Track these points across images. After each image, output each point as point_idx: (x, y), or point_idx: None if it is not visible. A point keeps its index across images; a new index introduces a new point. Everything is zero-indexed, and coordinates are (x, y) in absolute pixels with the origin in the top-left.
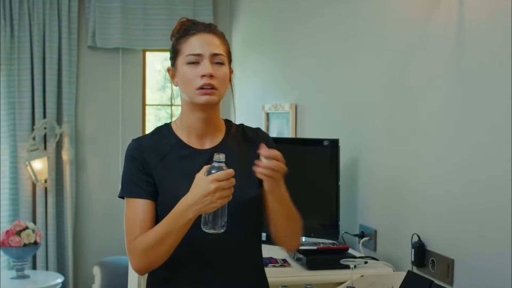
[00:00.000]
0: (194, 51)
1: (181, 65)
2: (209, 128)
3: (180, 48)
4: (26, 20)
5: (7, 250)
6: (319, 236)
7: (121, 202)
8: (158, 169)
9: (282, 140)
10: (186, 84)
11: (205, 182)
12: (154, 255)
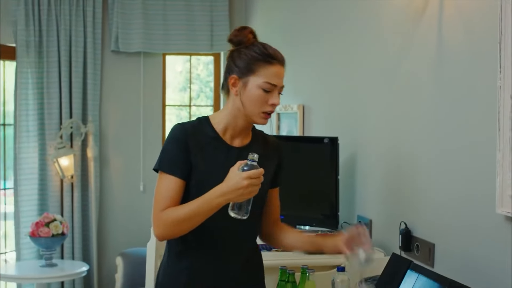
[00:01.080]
0: (272, 81)
1: (254, 85)
2: (243, 132)
3: (258, 70)
4: (53, 26)
5: (37, 240)
6: (320, 226)
7: (141, 197)
8: (197, 156)
9: (288, 138)
10: (254, 104)
11: (239, 177)
12: (179, 228)
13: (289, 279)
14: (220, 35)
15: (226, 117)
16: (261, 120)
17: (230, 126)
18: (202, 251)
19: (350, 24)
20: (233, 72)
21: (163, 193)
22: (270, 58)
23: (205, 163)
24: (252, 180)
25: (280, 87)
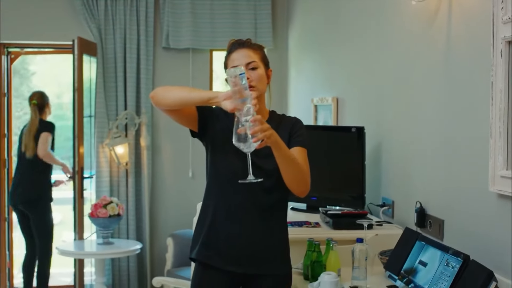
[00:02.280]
0: (233, 64)
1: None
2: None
3: (227, 62)
4: (110, 25)
5: (96, 220)
6: (348, 206)
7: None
8: (217, 128)
9: (322, 128)
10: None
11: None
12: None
13: (315, 249)
14: (263, 32)
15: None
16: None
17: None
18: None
19: (376, 25)
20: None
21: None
22: (230, 49)
23: (222, 132)
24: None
25: (245, 63)
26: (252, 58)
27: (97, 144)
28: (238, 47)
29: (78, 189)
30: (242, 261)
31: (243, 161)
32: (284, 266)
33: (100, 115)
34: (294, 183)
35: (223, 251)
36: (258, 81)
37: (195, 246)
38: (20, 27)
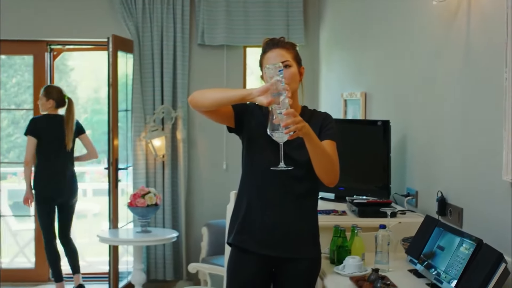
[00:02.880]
0: (269, 63)
1: (264, 72)
2: None
3: (262, 61)
4: (147, 23)
5: (134, 210)
6: (374, 196)
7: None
8: (252, 124)
9: (350, 121)
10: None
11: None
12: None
13: (341, 235)
14: (295, 29)
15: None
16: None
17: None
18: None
19: (401, 23)
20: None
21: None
22: (265, 49)
23: (257, 127)
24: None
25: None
26: (285, 57)
27: (134, 137)
28: (272, 47)
29: (112, 180)
30: (275, 245)
31: (276, 154)
32: (314, 250)
33: (136, 110)
34: (324, 173)
35: (257, 236)
36: (290, 79)
37: (231, 232)
38: (61, 25)
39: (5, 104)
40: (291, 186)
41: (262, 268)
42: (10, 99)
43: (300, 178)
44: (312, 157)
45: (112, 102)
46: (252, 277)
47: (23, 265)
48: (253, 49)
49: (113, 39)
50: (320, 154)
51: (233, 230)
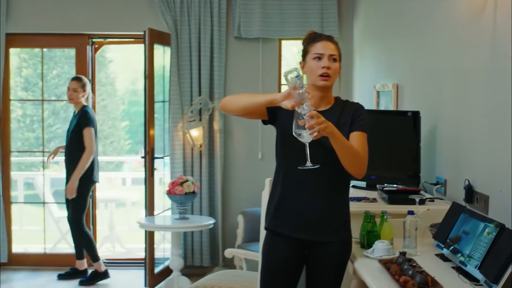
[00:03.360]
0: (319, 51)
1: (309, 60)
2: (323, 100)
3: (309, 49)
4: (185, 16)
5: (173, 197)
6: (404, 184)
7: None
8: (284, 117)
9: (381, 112)
10: (312, 73)
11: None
12: (234, 99)
13: (370, 220)
14: (330, 22)
15: (310, 91)
16: (320, 82)
17: (314, 96)
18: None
19: (432, 16)
20: (300, 61)
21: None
22: (315, 39)
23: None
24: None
25: (328, 55)
26: (334, 51)
27: (172, 128)
28: (325, 39)
29: (148, 169)
30: (307, 229)
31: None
32: (344, 234)
33: (174, 101)
34: (350, 167)
35: (290, 220)
36: (334, 72)
37: (267, 217)
38: (102, 19)
39: (45, 95)
40: (323, 173)
41: (295, 251)
42: (50, 91)
43: (332, 166)
44: (338, 153)
45: (149, 93)
46: (285, 259)
47: (65, 251)
48: (288, 41)
49: (149, 32)
50: (345, 150)
51: (269, 215)
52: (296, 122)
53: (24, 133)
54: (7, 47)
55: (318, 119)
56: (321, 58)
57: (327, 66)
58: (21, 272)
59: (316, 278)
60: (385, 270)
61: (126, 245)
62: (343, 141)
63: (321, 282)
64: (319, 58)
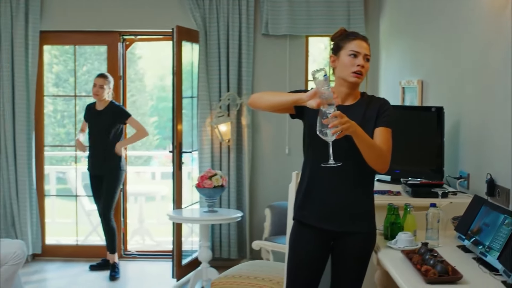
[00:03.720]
0: (355, 49)
1: (344, 56)
2: (350, 95)
3: (343, 45)
4: (214, 14)
5: (202, 191)
6: (428, 178)
7: (286, 159)
8: (310, 113)
9: (406, 108)
10: (345, 68)
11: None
12: (262, 97)
13: (394, 212)
14: (356, 19)
15: (336, 86)
16: (352, 79)
17: (337, 91)
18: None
19: (456, 13)
20: (331, 54)
21: None
22: (351, 36)
23: (314, 116)
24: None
25: (363, 54)
26: (368, 52)
27: (200, 123)
28: (361, 38)
29: (176, 163)
30: (334, 220)
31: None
32: (369, 225)
33: (202, 97)
34: (373, 163)
35: (317, 211)
36: (365, 71)
37: (294, 208)
38: (132, 17)
39: (76, 91)
40: (348, 167)
41: (321, 242)
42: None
43: (356, 161)
44: (361, 150)
45: (177, 89)
46: (311, 250)
47: (96, 243)
48: (315, 38)
49: (177, 29)
50: (368, 148)
51: (296, 206)
52: (320, 121)
53: (55, 129)
54: (41, 44)
55: (342, 119)
56: (356, 56)
57: (362, 65)
58: (54, 263)
59: (341, 268)
60: (408, 260)
61: (156, 238)
62: (366, 139)
63: (345, 272)
64: (354, 56)
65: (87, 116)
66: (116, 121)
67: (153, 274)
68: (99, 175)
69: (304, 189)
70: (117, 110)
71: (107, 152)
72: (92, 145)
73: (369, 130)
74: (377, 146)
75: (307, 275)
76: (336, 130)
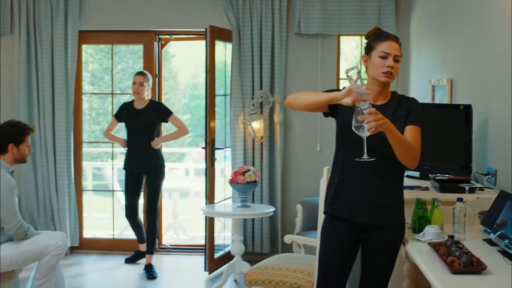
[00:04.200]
0: (386, 50)
1: (375, 57)
2: (380, 95)
3: (375, 45)
4: (247, 14)
5: (235, 186)
6: (456, 175)
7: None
8: (344, 111)
9: (435, 105)
10: (376, 68)
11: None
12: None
13: (422, 207)
14: (387, 18)
15: (368, 84)
16: (383, 79)
17: (370, 89)
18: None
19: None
20: (364, 54)
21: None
22: (383, 36)
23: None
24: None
25: (393, 55)
26: (398, 52)
27: (233, 120)
28: (392, 39)
29: (209, 159)
30: (364, 213)
31: None
32: (398, 219)
33: (235, 95)
34: (403, 159)
35: (348, 204)
36: (395, 72)
37: (326, 202)
38: (167, 17)
39: (110, 89)
40: (379, 162)
41: (352, 234)
42: (115, 85)
43: (387, 155)
44: (393, 147)
45: (210, 87)
46: (342, 242)
47: (131, 236)
48: (346, 37)
49: (210, 29)
50: (399, 144)
51: (327, 200)
52: (355, 118)
53: (90, 126)
54: (79, 43)
55: (376, 116)
56: (386, 58)
57: (392, 66)
58: (92, 256)
59: (371, 260)
60: (434, 252)
61: (189, 233)
62: (399, 136)
63: (375, 264)
64: (385, 57)
65: (124, 115)
66: (158, 119)
67: (186, 267)
68: (138, 174)
69: (335, 184)
70: (159, 108)
71: (149, 151)
72: (131, 144)
73: (399, 128)
74: (408, 142)
75: (338, 267)
76: (371, 126)
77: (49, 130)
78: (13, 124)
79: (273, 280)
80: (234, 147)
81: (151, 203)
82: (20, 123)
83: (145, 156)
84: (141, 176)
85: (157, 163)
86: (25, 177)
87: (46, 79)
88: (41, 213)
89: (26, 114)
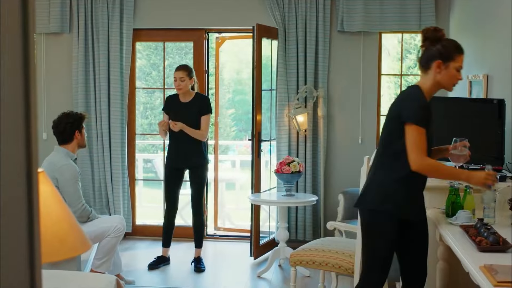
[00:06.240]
0: (461, 65)
1: (452, 68)
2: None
3: (454, 57)
4: (293, 13)
5: (280, 176)
6: (490, 164)
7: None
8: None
9: (471, 100)
10: (451, 79)
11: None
12: (430, 171)
13: (455, 193)
14: (427, 15)
15: (431, 87)
16: (451, 88)
17: (431, 92)
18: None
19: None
20: (438, 58)
21: (421, 143)
22: (461, 50)
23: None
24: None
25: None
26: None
27: (278, 114)
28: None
29: (255, 150)
30: (410, 211)
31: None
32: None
33: (281, 90)
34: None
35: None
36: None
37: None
38: (216, 15)
39: (158, 84)
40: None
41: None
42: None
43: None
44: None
45: (256, 83)
46: (390, 236)
47: (180, 224)
48: (387, 35)
49: (257, 27)
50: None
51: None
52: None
53: (139, 120)
54: (133, 41)
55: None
56: (459, 71)
57: (461, 78)
58: (144, 242)
59: (410, 250)
60: (465, 233)
61: (235, 222)
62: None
63: (415, 252)
64: (459, 70)
65: (169, 106)
66: (200, 112)
67: (232, 253)
68: (181, 168)
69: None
70: (203, 102)
71: (195, 145)
72: (175, 138)
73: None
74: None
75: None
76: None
77: (105, 123)
78: (69, 114)
79: (316, 261)
80: (279, 139)
81: (197, 198)
82: (74, 112)
83: (191, 151)
84: (183, 170)
85: (203, 159)
86: (82, 167)
87: (103, 75)
88: (97, 201)
89: (84, 108)
